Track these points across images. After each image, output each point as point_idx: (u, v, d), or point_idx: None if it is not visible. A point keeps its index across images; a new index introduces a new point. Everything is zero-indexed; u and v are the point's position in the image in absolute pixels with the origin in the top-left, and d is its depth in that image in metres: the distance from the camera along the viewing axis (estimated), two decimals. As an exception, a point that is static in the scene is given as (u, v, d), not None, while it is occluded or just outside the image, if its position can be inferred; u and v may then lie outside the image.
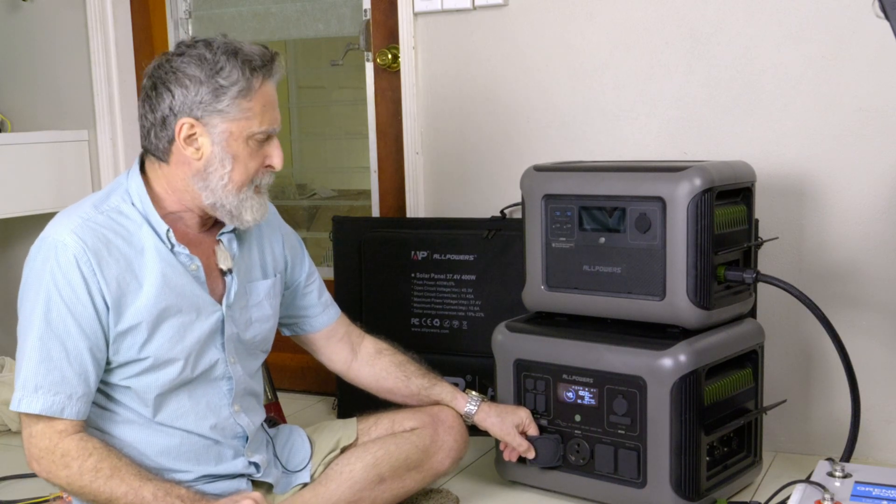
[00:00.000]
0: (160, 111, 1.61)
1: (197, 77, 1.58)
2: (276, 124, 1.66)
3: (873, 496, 1.58)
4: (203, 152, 1.61)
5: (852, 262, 2.20)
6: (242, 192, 1.64)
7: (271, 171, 1.69)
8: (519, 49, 2.49)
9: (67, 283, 1.55)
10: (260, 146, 1.64)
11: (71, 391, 1.55)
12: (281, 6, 2.93)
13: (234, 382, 1.73)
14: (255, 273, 1.79)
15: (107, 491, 1.54)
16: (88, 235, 1.57)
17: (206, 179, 1.62)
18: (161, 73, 1.61)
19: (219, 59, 1.59)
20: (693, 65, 2.30)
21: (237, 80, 1.58)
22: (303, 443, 1.90)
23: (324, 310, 1.96)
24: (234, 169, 1.62)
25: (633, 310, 1.93)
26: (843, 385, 1.97)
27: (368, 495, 1.83)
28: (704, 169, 1.85)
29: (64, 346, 1.55)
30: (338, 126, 3.32)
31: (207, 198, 1.63)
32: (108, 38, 3.03)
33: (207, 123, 1.59)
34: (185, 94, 1.59)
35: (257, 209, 1.67)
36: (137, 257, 1.61)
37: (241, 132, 1.61)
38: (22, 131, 3.11)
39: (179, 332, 1.64)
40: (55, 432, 1.55)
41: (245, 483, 1.76)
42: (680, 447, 1.83)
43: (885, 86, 2.12)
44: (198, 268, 1.67)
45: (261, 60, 1.62)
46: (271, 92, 1.65)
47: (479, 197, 2.58)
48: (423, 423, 1.93)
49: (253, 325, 1.77)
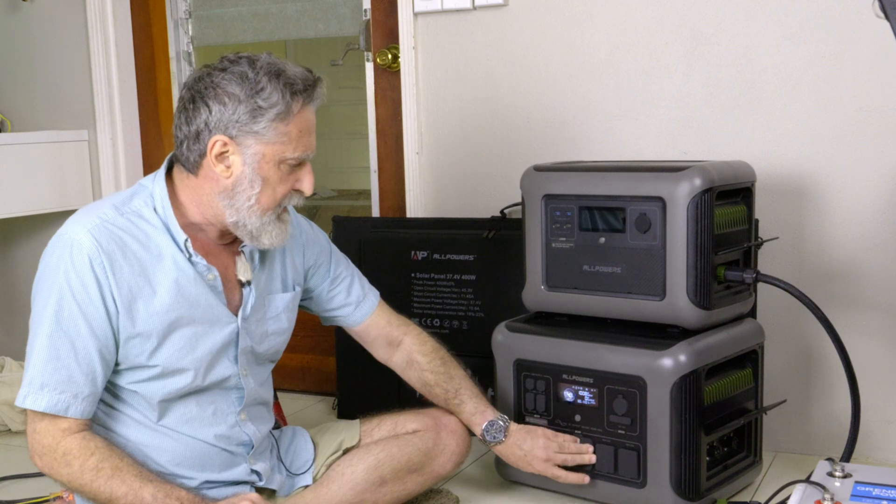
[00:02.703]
0: (195, 125, 1.58)
1: (236, 95, 1.55)
2: (311, 150, 1.63)
3: (873, 496, 1.58)
4: (233, 171, 1.59)
5: (852, 262, 2.20)
6: (267, 215, 1.62)
7: (300, 195, 1.67)
8: (519, 49, 2.49)
9: (80, 283, 1.55)
10: (291, 170, 1.62)
11: (77, 391, 1.55)
12: (281, 6, 2.93)
13: (246, 393, 1.73)
14: (276, 285, 1.78)
15: (107, 491, 1.54)
16: (104, 236, 1.56)
17: (233, 198, 1.60)
18: (201, 86, 1.58)
19: (261, 79, 1.56)
20: (693, 65, 2.30)
21: (276, 102, 1.55)
22: (306, 445, 1.89)
23: (356, 308, 1.94)
24: (263, 191, 1.60)
25: (633, 310, 1.93)
26: (843, 385, 1.97)
27: (370, 497, 1.82)
28: (704, 169, 1.85)
29: (73, 346, 1.55)
30: (338, 126, 3.32)
31: (231, 216, 1.61)
32: (108, 38, 3.03)
33: (241, 143, 1.57)
34: (222, 112, 1.56)
35: (276, 235, 1.65)
36: (153, 263, 1.60)
37: (274, 155, 1.58)
38: (22, 131, 3.11)
39: (191, 342, 1.63)
40: (58, 430, 1.56)
41: (248, 490, 1.75)
42: (680, 447, 1.83)
43: (885, 86, 2.12)
44: (215, 278, 1.66)
45: (303, 85, 1.58)
46: (310, 117, 1.62)
47: (479, 197, 2.58)
48: (425, 425, 1.92)
49: (269, 337, 1.77)
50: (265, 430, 1.79)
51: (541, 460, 1.89)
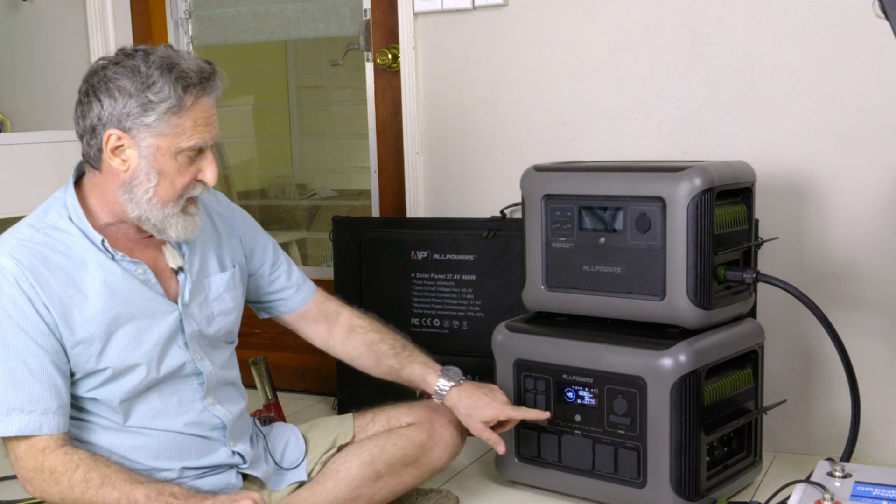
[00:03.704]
0: (89, 119, 1.59)
1: (127, 89, 1.55)
2: (210, 138, 1.62)
3: (873, 496, 1.58)
4: (130, 164, 1.59)
5: (852, 262, 2.20)
6: (168, 207, 1.62)
7: (204, 185, 1.65)
8: (519, 49, 2.49)
9: (13, 304, 1.55)
10: (191, 161, 1.61)
11: (45, 407, 1.55)
12: (281, 6, 2.93)
13: (206, 377, 1.72)
14: (212, 267, 1.78)
15: (99, 500, 1.54)
16: (24, 255, 1.57)
17: (132, 192, 1.60)
18: (94, 80, 1.59)
19: (152, 73, 1.55)
20: (693, 65, 2.30)
21: (168, 96, 1.55)
22: (297, 440, 1.89)
23: (297, 291, 1.94)
24: (160, 184, 1.60)
25: (633, 310, 1.93)
26: (843, 385, 1.97)
27: (366, 492, 1.82)
28: (704, 169, 1.85)
29: (26, 365, 1.55)
30: (338, 126, 3.32)
31: (133, 210, 1.61)
32: (108, 38, 3.03)
33: (136, 136, 1.57)
34: (113, 106, 1.56)
35: (182, 227, 1.64)
36: (79, 270, 1.60)
37: (168, 147, 1.58)
38: (22, 131, 3.11)
39: (136, 338, 1.63)
40: (38, 451, 1.55)
41: (234, 475, 1.76)
42: (680, 447, 1.83)
43: (885, 86, 2.12)
44: (145, 272, 1.66)
45: (197, 77, 1.58)
46: (206, 108, 1.61)
47: (479, 197, 2.58)
48: (419, 418, 1.92)
49: (216, 319, 1.76)
50: (236, 409, 1.78)
51: (485, 422, 1.88)
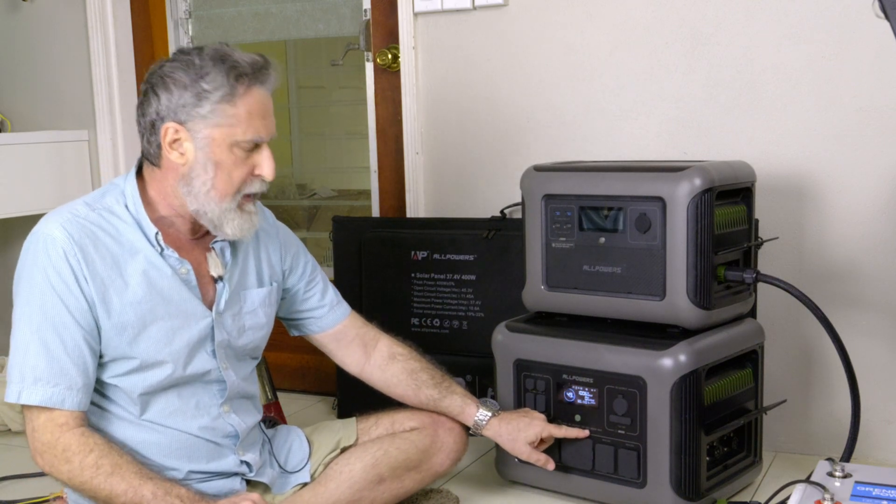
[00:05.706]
0: (149, 116, 1.63)
1: (182, 81, 1.60)
2: (266, 133, 1.65)
3: (873, 496, 1.58)
4: (187, 157, 1.62)
5: (852, 262, 2.20)
6: (226, 201, 1.63)
7: (261, 180, 1.67)
8: (519, 49, 2.49)
9: (58, 276, 1.57)
10: (247, 155, 1.64)
11: (70, 382, 1.57)
12: (281, 6, 2.93)
13: (228, 386, 1.73)
14: (250, 281, 1.79)
15: (107, 488, 1.54)
16: (76, 230, 1.59)
17: (190, 184, 1.63)
18: (153, 78, 1.63)
19: (205, 64, 1.60)
20: (693, 65, 2.30)
21: (220, 85, 1.59)
22: (301, 443, 1.90)
23: (330, 310, 1.94)
24: (217, 176, 1.62)
25: (633, 310, 1.93)
26: (843, 385, 1.97)
27: (368, 495, 1.83)
28: (704, 169, 1.85)
29: (61, 338, 1.57)
30: (338, 126, 3.32)
31: (191, 203, 1.64)
32: (108, 38, 3.03)
33: (192, 128, 1.60)
34: (169, 98, 1.60)
35: (239, 224, 1.66)
36: (125, 257, 1.62)
37: (224, 139, 1.61)
38: (22, 131, 3.11)
39: (168, 335, 1.65)
40: (56, 426, 1.56)
41: (239, 482, 1.76)
42: (680, 447, 1.83)
43: (885, 86, 2.12)
44: (188, 272, 1.67)
45: (250, 68, 1.61)
46: (260, 99, 1.63)
47: (479, 197, 2.58)
48: (423, 423, 1.92)
49: (246, 332, 1.77)
50: (251, 421, 1.79)
51: (529, 442, 1.91)
